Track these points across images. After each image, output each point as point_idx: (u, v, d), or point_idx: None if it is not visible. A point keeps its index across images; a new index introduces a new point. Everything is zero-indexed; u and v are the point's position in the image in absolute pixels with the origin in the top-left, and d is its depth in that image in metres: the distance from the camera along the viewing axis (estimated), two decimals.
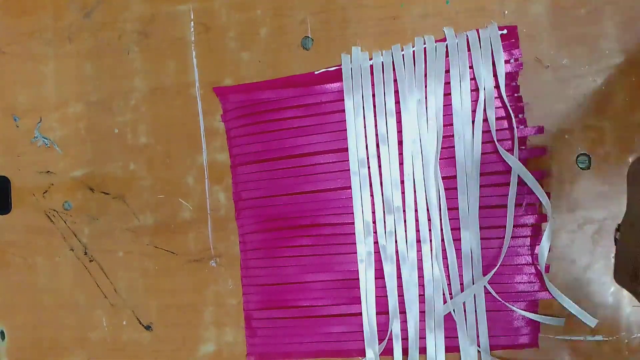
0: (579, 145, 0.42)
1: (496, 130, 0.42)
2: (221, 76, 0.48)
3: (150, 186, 0.49)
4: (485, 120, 0.42)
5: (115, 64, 0.50)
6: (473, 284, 0.42)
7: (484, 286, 0.42)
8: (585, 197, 0.42)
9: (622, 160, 0.41)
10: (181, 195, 0.49)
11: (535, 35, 0.42)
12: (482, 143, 0.42)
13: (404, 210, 0.43)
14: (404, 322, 0.43)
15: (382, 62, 0.43)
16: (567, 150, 0.42)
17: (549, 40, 0.42)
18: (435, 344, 0.42)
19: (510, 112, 0.41)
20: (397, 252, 0.43)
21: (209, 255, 0.48)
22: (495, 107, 0.42)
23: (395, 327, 0.43)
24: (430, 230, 0.43)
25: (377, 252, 0.44)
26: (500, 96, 0.42)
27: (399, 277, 0.43)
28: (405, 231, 0.43)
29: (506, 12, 0.42)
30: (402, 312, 0.43)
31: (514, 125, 0.41)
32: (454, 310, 0.42)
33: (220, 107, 0.48)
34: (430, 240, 0.43)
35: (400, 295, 0.43)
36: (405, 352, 0.43)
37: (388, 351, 0.44)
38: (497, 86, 0.42)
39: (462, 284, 0.42)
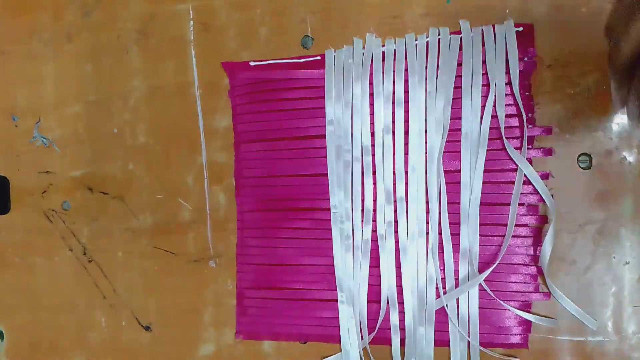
0: (579, 144, 0.41)
1: (504, 127, 0.42)
2: (221, 76, 0.48)
3: (149, 186, 0.49)
4: (494, 116, 0.42)
5: (114, 63, 0.50)
6: (468, 280, 0.42)
7: (479, 283, 0.42)
8: (586, 197, 0.41)
9: (623, 159, 0.41)
10: (181, 195, 0.49)
11: (536, 35, 0.42)
12: (489, 139, 0.42)
13: (407, 201, 0.43)
14: (395, 313, 0.43)
15: (395, 50, 0.43)
16: (568, 149, 0.42)
17: (550, 39, 0.42)
18: (425, 337, 0.42)
19: (522, 110, 0.41)
20: (396, 242, 0.43)
21: (208, 255, 0.48)
22: (505, 105, 0.42)
23: (393, 318, 0.43)
24: (427, 223, 0.43)
25: (373, 240, 0.44)
26: (512, 93, 0.41)
27: (398, 267, 0.43)
28: (407, 222, 0.43)
29: (507, 11, 0.42)
30: (394, 303, 0.43)
31: (525, 123, 0.41)
32: (446, 305, 0.42)
33: (220, 106, 0.48)
34: (427, 233, 0.43)
35: (398, 285, 0.43)
36: (401, 343, 0.43)
37: (375, 340, 0.44)
38: (508, 83, 0.41)
39: (457, 279, 0.42)
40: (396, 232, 0.43)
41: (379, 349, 0.44)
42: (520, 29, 0.42)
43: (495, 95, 0.41)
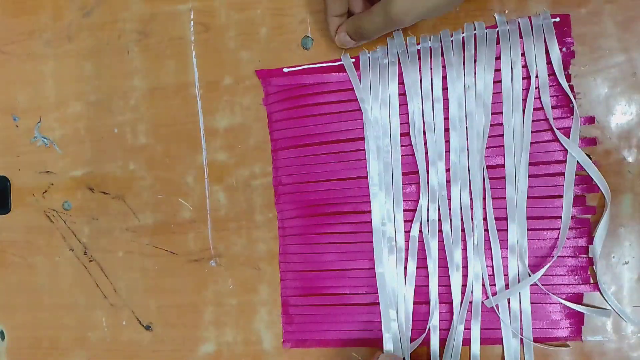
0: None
1: (546, 119, 0.41)
2: (221, 75, 0.48)
3: (150, 186, 0.49)
4: (536, 108, 0.41)
5: (114, 63, 0.50)
6: (519, 276, 0.41)
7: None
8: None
9: (623, 159, 0.41)
10: (181, 195, 0.49)
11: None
12: (532, 132, 0.41)
13: (449, 199, 0.42)
14: (441, 312, 0.43)
15: (430, 47, 0.43)
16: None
17: None
18: (472, 336, 0.42)
19: (572, 97, 0.40)
20: (440, 241, 0.43)
21: (208, 255, 0.48)
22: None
23: (434, 319, 0.43)
24: (472, 220, 0.42)
25: (419, 241, 0.43)
26: (556, 83, 0.41)
27: (445, 266, 0.42)
28: (450, 220, 0.42)
29: (507, 11, 0.42)
30: (440, 302, 0.43)
31: (576, 110, 0.40)
32: (496, 306, 0.41)
33: (219, 106, 0.48)
34: (472, 230, 0.42)
35: (440, 285, 0.43)
36: (440, 343, 0.43)
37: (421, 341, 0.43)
38: (550, 73, 0.41)
39: (506, 275, 0.42)
40: (440, 231, 0.43)
41: (423, 351, 0.44)
42: (557, 19, 0.41)
43: (538, 86, 0.41)
